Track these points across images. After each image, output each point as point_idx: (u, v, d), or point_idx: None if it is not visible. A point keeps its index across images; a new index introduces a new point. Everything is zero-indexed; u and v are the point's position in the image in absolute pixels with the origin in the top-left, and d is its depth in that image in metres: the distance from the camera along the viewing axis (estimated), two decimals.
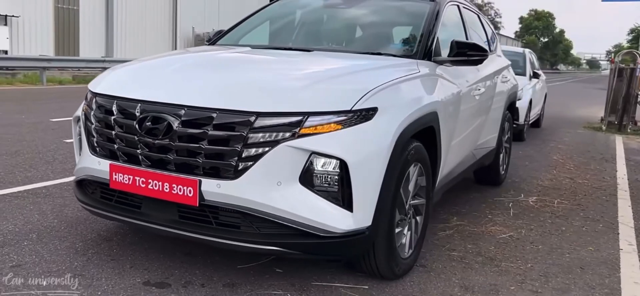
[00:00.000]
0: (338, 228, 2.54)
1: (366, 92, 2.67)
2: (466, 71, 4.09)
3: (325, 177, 2.54)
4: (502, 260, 3.46)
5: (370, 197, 2.62)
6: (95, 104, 2.92)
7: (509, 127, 5.72)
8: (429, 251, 3.51)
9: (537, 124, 11.30)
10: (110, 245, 3.32)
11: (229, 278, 2.92)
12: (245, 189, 2.49)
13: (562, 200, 5.13)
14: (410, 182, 3.02)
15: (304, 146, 2.48)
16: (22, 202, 4.07)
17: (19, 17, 18.92)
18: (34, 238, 3.35)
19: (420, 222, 3.25)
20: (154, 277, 2.90)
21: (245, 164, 2.49)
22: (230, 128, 2.51)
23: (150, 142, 2.63)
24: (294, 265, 3.12)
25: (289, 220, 2.50)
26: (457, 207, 4.64)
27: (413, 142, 2.95)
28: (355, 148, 2.55)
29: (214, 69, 3.13)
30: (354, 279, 3.00)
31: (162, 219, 2.70)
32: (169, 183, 2.58)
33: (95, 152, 2.90)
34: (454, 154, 3.84)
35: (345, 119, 2.56)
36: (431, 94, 3.24)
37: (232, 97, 2.60)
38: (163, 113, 2.61)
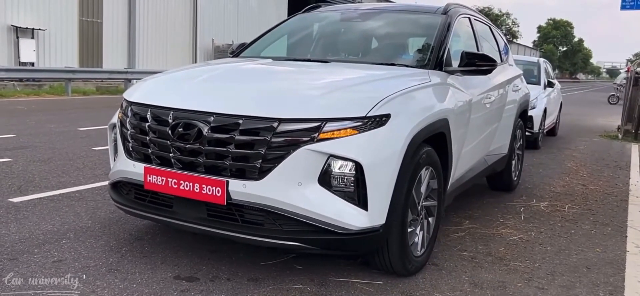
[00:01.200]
0: (354, 226, 2.75)
1: (380, 100, 2.88)
2: (477, 81, 4.28)
3: (342, 178, 2.75)
4: (511, 260, 3.63)
5: (384, 197, 2.83)
6: (130, 112, 3.18)
7: (521, 134, 5.88)
8: (441, 252, 3.70)
9: (552, 133, 11.38)
10: (142, 244, 3.56)
11: (252, 274, 3.14)
12: (268, 189, 2.71)
13: (573, 205, 5.27)
14: (422, 184, 3.21)
15: (323, 149, 2.70)
16: (57, 205, 4.35)
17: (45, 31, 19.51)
18: (72, 237, 3.61)
19: (433, 222, 3.44)
20: (184, 272, 3.13)
21: (269, 166, 2.71)
22: (255, 133, 2.74)
23: (182, 146, 2.87)
24: (313, 262, 3.33)
25: (309, 218, 2.71)
26: (470, 211, 4.82)
27: (425, 146, 3.16)
28: (370, 151, 2.76)
29: (240, 79, 3.38)
30: (369, 275, 3.20)
31: (192, 217, 2.93)
32: (199, 184, 2.82)
33: (130, 155, 3.15)
34: (465, 159, 4.03)
35: (360, 125, 2.77)
36: (442, 102, 3.44)
37: (256, 105, 2.84)
38: (194, 119, 2.86)
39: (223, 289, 2.93)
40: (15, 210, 4.13)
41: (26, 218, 3.96)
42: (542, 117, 9.31)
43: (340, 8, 4.90)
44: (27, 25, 18.96)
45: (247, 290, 2.94)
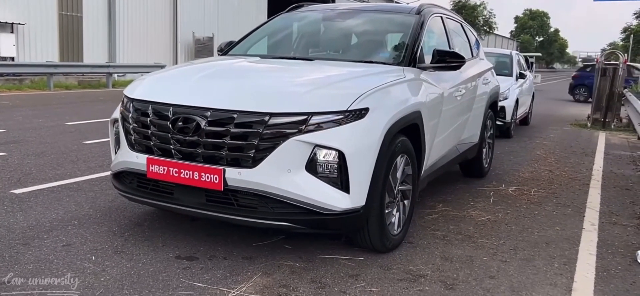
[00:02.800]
0: (337, 207, 3.11)
1: (359, 95, 3.23)
2: (449, 75, 4.66)
3: (327, 165, 3.10)
4: (478, 238, 4.03)
5: (364, 181, 3.19)
6: (132, 108, 3.48)
7: (491, 124, 6.29)
8: (416, 231, 4.08)
9: (525, 122, 11.89)
10: (142, 229, 3.87)
11: (247, 253, 3.48)
12: (261, 176, 3.05)
13: (539, 190, 5.70)
14: (398, 170, 3.58)
15: (309, 140, 3.05)
16: (58, 195, 4.63)
17: (25, 25, 19.44)
18: (76, 224, 3.91)
19: (408, 205, 3.81)
20: (184, 252, 3.46)
21: (261, 155, 3.05)
22: (249, 126, 3.07)
23: (182, 139, 3.19)
24: (301, 242, 3.68)
25: (297, 201, 3.06)
26: (444, 196, 5.21)
27: (400, 136, 3.52)
28: (351, 141, 3.11)
29: (233, 76, 3.70)
30: (351, 252, 3.56)
31: (192, 202, 3.26)
32: (198, 172, 3.14)
33: (133, 147, 3.46)
34: (437, 148, 4.41)
35: (342, 117, 3.13)
36: (415, 96, 3.80)
37: (249, 101, 3.17)
38: (192, 114, 3.18)
39: (220, 266, 3.26)
40: (19, 201, 4.40)
41: (31, 207, 4.24)
42: (514, 108, 9.77)
43: (320, 8, 5.23)
44: (6, 20, 18.87)
45: (242, 266, 3.28)
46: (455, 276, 3.30)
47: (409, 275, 3.28)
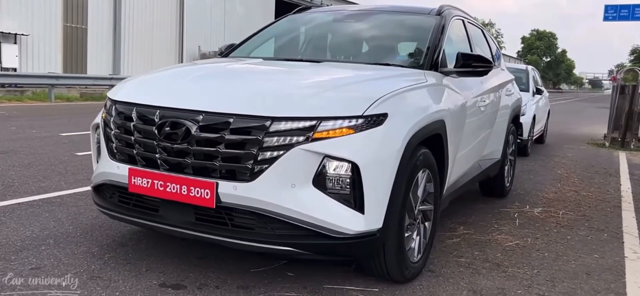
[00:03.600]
0: (350, 229, 2.62)
1: (377, 99, 2.77)
2: (471, 83, 4.20)
3: (338, 179, 2.62)
4: (508, 266, 3.53)
5: (381, 200, 2.71)
6: (114, 111, 3.03)
7: (513, 139, 5.81)
8: (437, 258, 3.58)
9: (540, 140, 11.38)
10: (126, 250, 3.40)
11: (242, 281, 3.00)
12: (260, 191, 2.58)
13: (567, 211, 5.20)
14: (419, 187, 3.10)
15: (317, 149, 2.58)
16: (37, 210, 4.17)
17: (28, 36, 19.19)
18: (51, 243, 3.44)
19: (429, 227, 3.33)
20: (170, 279, 2.98)
21: (261, 167, 2.58)
22: (247, 133, 2.61)
23: (169, 147, 2.73)
24: (306, 270, 3.20)
25: (302, 221, 2.58)
26: (464, 217, 4.72)
27: (421, 148, 3.05)
28: (367, 151, 2.64)
29: (230, 77, 3.25)
30: (364, 282, 3.07)
31: (179, 221, 2.78)
32: (187, 186, 2.67)
33: (114, 157, 2.99)
34: (460, 163, 3.93)
35: (356, 124, 2.65)
36: (438, 103, 3.33)
37: (248, 103, 2.71)
38: (181, 118, 2.72)
39: None
40: None
41: (3, 224, 3.78)
42: (531, 124, 9.29)
43: (331, 9, 4.80)
44: (10, 30, 18.63)
45: None
46: None
47: None
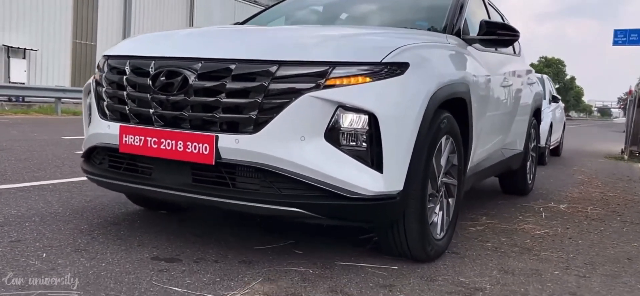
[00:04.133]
0: (366, 190, 2.31)
1: (397, 47, 2.47)
2: (495, 60, 3.91)
3: (353, 133, 2.32)
4: (540, 250, 3.18)
5: (402, 159, 2.40)
6: (107, 67, 2.75)
7: (534, 134, 5.48)
8: (461, 242, 3.25)
9: (556, 152, 10.99)
10: (118, 228, 3.09)
11: (245, 257, 2.68)
12: (265, 143, 2.27)
13: (596, 208, 4.84)
14: (443, 155, 2.79)
15: (330, 97, 2.27)
16: (27, 194, 3.88)
17: (37, 51, 19.19)
18: (37, 221, 3.14)
19: (452, 205, 3.00)
20: (164, 254, 2.66)
21: (266, 117, 2.28)
22: (251, 79, 2.32)
23: (164, 99, 2.44)
24: (315, 248, 2.87)
25: (313, 179, 2.27)
26: (485, 209, 4.37)
27: (445, 112, 2.74)
28: (386, 102, 2.33)
29: (233, 31, 2.97)
30: (381, 260, 2.74)
31: (175, 183, 2.48)
32: (183, 141, 2.37)
33: (105, 116, 2.71)
34: (484, 143, 3.61)
35: (375, 71, 2.35)
36: (463, 66, 3.04)
37: (252, 48, 2.42)
38: (179, 67, 2.43)
39: (208, 270, 2.45)
40: None
41: None
42: (548, 132, 8.94)
43: None
44: (20, 45, 18.63)
45: (237, 271, 2.47)
46: (524, 290, 2.46)
47: (462, 287, 2.44)
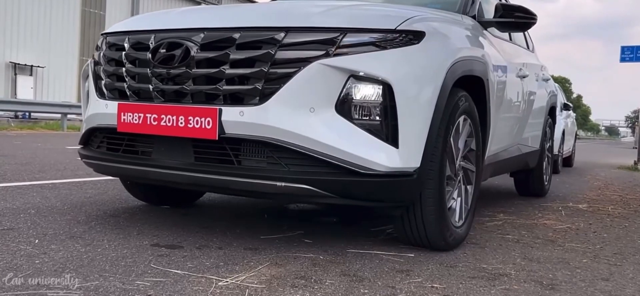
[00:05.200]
0: (381, 165, 2.14)
1: (412, 16, 2.32)
2: (511, 49, 3.77)
3: (367, 105, 2.16)
4: (565, 242, 2.99)
5: (419, 133, 2.23)
6: (105, 45, 2.62)
7: (550, 133, 5.29)
8: (479, 234, 3.06)
9: (568, 163, 10.78)
10: (117, 219, 2.93)
11: (251, 245, 2.51)
12: (272, 115, 2.12)
13: (616, 207, 4.63)
14: (461, 137, 2.62)
15: (341, 64, 2.12)
16: (24, 191, 3.73)
17: (44, 68, 19.24)
18: (33, 213, 2.98)
19: (471, 192, 2.82)
20: (164, 241, 2.50)
21: (273, 88, 2.13)
22: (256, 47, 2.17)
23: (164, 73, 2.29)
24: (326, 236, 2.70)
25: (323, 153, 2.11)
26: (502, 207, 4.18)
27: (462, 90, 2.57)
28: (402, 71, 2.18)
29: (239, 5, 2.83)
30: (396, 248, 2.56)
31: (176, 162, 2.33)
32: (184, 116, 2.22)
33: (102, 95, 2.57)
34: (501, 132, 3.44)
35: (389, 39, 2.20)
36: (480, 45, 2.89)
37: (257, 15, 2.29)
38: (180, 39, 2.29)
39: (212, 255, 2.28)
40: None
41: None
42: (561, 139, 8.74)
43: None
44: (26, 62, 18.69)
45: (243, 256, 2.30)
46: (552, 276, 2.27)
47: (484, 273, 2.25)
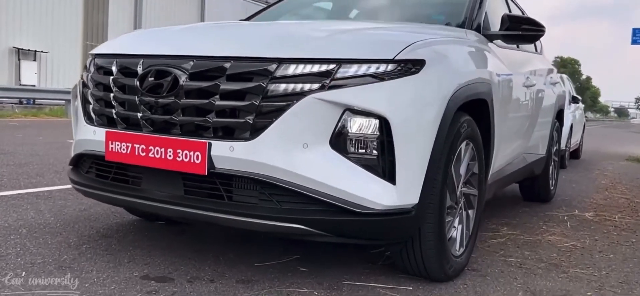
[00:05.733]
0: (378, 204, 2.05)
1: (411, 43, 2.21)
2: (517, 59, 3.64)
3: (362, 140, 2.06)
4: (569, 267, 2.90)
5: (418, 169, 2.14)
6: (93, 67, 2.53)
7: (557, 137, 5.18)
8: (481, 257, 2.97)
9: (576, 155, 10.63)
10: (109, 242, 2.86)
11: (243, 275, 2.43)
12: (263, 151, 2.03)
13: (624, 216, 4.52)
14: (462, 163, 2.52)
15: (336, 99, 2.02)
16: (19, 202, 3.67)
17: (48, 53, 19.16)
18: (24, 233, 2.92)
19: (472, 217, 2.73)
20: (155, 271, 2.43)
21: (265, 122, 2.03)
22: (247, 79, 2.07)
23: (153, 102, 2.20)
24: (322, 265, 2.62)
25: (317, 192, 2.02)
26: (507, 219, 4.08)
27: (465, 114, 2.47)
28: (400, 104, 2.08)
29: (231, 28, 2.72)
30: (394, 279, 2.48)
31: (165, 195, 2.24)
32: (173, 149, 2.14)
33: (91, 120, 2.48)
34: (506, 147, 3.33)
35: (386, 70, 2.09)
36: (484, 64, 2.77)
37: (249, 44, 2.18)
38: (168, 66, 2.19)
39: (203, 291, 2.21)
40: None
41: None
42: (568, 134, 8.60)
43: None
44: (30, 48, 18.62)
45: (234, 291, 2.22)
46: None
47: None
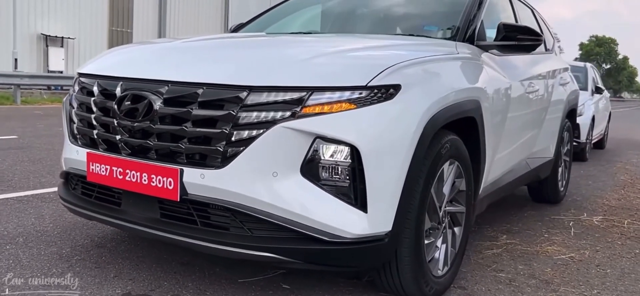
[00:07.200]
0: (348, 232, 2.04)
1: (387, 67, 2.17)
2: (519, 64, 3.55)
3: (333, 168, 2.04)
4: (560, 284, 2.84)
5: (390, 195, 2.11)
6: (77, 85, 2.56)
7: (568, 137, 5.04)
8: (471, 272, 2.94)
9: (600, 145, 10.37)
10: (101, 253, 2.92)
11: (225, 292, 2.45)
12: (232, 180, 2.03)
13: (634, 221, 4.40)
14: (445, 182, 2.48)
15: (306, 128, 2.00)
16: (23, 206, 3.77)
17: (74, 39, 19.51)
18: (20, 242, 3.01)
19: (459, 234, 2.69)
20: (137, 288, 2.47)
21: (235, 150, 2.03)
22: (218, 107, 2.07)
23: (129, 125, 2.22)
24: (305, 281, 2.63)
25: (287, 220, 2.02)
26: (509, 225, 4.02)
27: (448, 134, 2.43)
28: (371, 132, 2.05)
29: (209, 49, 2.72)
30: None
31: (143, 218, 2.27)
32: (147, 174, 2.16)
33: (74, 139, 2.52)
34: (502, 159, 3.26)
35: (359, 97, 2.06)
36: (472, 79, 2.70)
37: (221, 70, 2.18)
38: (144, 90, 2.21)
39: None
40: None
41: None
42: (590, 126, 8.38)
43: None
44: (57, 34, 18.99)
45: None
46: None
47: None
